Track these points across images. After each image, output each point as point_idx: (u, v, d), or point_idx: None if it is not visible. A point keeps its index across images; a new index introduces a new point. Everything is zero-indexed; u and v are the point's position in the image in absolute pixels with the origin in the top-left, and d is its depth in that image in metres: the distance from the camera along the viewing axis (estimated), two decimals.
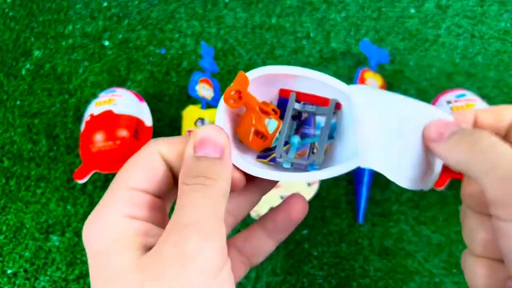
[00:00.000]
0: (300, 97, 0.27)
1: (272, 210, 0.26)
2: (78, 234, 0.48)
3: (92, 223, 0.20)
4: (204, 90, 0.51)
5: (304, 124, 0.27)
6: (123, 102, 0.49)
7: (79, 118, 0.54)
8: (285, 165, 0.26)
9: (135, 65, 0.58)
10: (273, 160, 0.26)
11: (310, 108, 0.26)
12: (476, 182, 0.21)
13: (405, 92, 0.54)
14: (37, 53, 0.59)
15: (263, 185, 0.26)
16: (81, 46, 0.59)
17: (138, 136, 0.48)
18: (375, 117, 0.25)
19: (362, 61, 0.56)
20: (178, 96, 0.55)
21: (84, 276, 0.46)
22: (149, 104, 0.52)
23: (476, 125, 0.24)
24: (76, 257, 0.47)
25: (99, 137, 0.46)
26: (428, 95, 0.53)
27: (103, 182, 0.51)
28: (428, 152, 0.24)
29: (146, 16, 0.61)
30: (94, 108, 0.49)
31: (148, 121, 0.50)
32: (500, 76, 0.54)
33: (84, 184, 0.51)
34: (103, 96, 0.50)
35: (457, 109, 0.46)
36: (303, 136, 0.27)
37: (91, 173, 0.48)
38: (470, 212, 0.23)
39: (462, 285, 0.43)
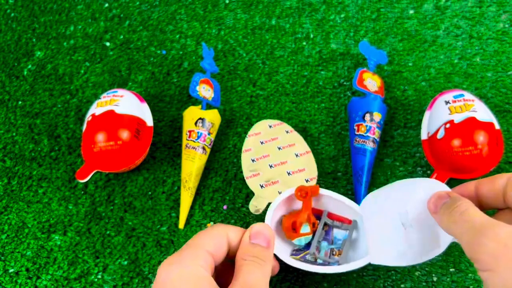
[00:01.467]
0: (329, 215, 0.43)
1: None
2: (79, 233, 0.49)
3: (172, 264, 0.28)
4: (204, 90, 0.51)
5: (325, 235, 0.43)
6: (125, 102, 0.49)
7: (80, 118, 0.55)
8: (319, 261, 0.41)
9: (136, 66, 0.58)
10: (304, 257, 0.40)
11: (336, 224, 0.42)
12: None
13: (403, 93, 0.54)
14: (38, 53, 0.60)
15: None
16: (82, 46, 0.60)
17: (139, 136, 0.48)
18: (378, 221, 0.37)
19: (361, 62, 0.56)
20: (178, 96, 0.56)
21: (85, 275, 0.46)
22: (150, 105, 0.52)
23: (477, 194, 0.32)
24: (77, 256, 0.47)
25: (100, 137, 0.47)
26: (426, 95, 0.54)
27: (104, 182, 0.51)
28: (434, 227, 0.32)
29: (147, 17, 0.61)
30: (96, 109, 0.49)
31: (149, 121, 0.50)
32: (498, 76, 0.54)
33: (86, 184, 0.51)
34: (105, 97, 0.50)
35: (455, 109, 0.46)
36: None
37: (93, 173, 0.48)
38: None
39: (459, 284, 0.43)
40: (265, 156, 0.48)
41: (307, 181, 0.47)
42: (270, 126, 0.51)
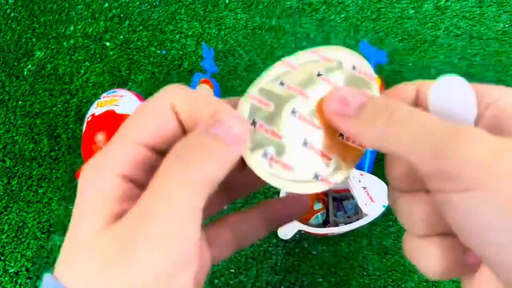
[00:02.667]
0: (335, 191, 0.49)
1: (275, 201, 0.26)
2: None
3: (85, 171, 0.18)
4: (204, 90, 0.51)
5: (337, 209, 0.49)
6: (124, 102, 0.49)
7: (80, 118, 0.55)
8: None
9: (136, 66, 0.58)
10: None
11: (344, 195, 0.49)
12: (401, 160, 0.19)
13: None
14: (38, 53, 0.60)
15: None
16: (82, 46, 0.60)
17: None
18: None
19: None
20: None
21: None
22: None
23: (419, 101, 0.21)
24: None
25: (100, 137, 0.47)
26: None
27: None
28: None
29: (147, 17, 0.61)
30: (96, 109, 0.49)
31: None
32: (498, 76, 0.54)
33: None
34: (105, 97, 0.50)
35: None
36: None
37: None
38: (400, 193, 0.20)
39: (460, 284, 0.43)
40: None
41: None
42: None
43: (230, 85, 0.56)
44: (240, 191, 0.25)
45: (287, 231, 0.45)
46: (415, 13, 0.59)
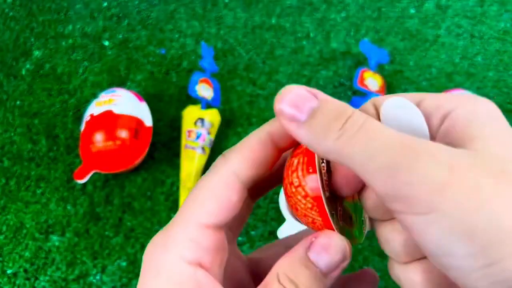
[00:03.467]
0: None
1: (345, 277, 0.24)
2: (78, 234, 0.48)
3: (156, 247, 0.18)
4: (204, 90, 0.51)
5: None
6: (123, 102, 0.49)
7: (79, 118, 0.54)
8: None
9: (135, 65, 0.58)
10: None
11: None
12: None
13: (404, 92, 0.54)
14: (37, 53, 0.59)
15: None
16: (81, 46, 0.59)
17: (138, 136, 0.48)
18: None
19: (362, 61, 0.56)
20: (178, 96, 0.55)
21: (84, 276, 0.46)
22: (149, 104, 0.52)
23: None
24: (76, 257, 0.47)
25: (99, 137, 0.46)
26: None
27: (103, 182, 0.51)
28: None
29: (146, 16, 0.61)
30: (94, 108, 0.49)
31: (148, 121, 0.50)
32: (499, 76, 0.54)
33: (84, 184, 0.51)
34: (103, 96, 0.50)
35: None
36: None
37: (91, 173, 0.48)
38: (378, 222, 0.19)
39: None
40: None
41: None
42: None
43: (230, 84, 0.56)
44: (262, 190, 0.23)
45: (286, 232, 0.44)
46: (416, 12, 0.59)
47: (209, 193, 0.18)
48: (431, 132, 0.18)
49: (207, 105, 0.51)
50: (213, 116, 0.50)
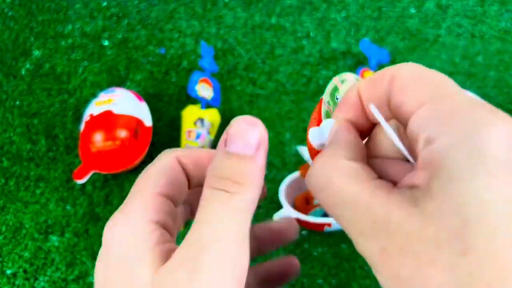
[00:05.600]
0: None
1: (269, 264, 0.26)
2: (77, 234, 0.48)
3: (116, 225, 0.19)
4: (203, 89, 0.51)
5: None
6: (123, 102, 0.49)
7: (78, 118, 0.54)
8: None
9: (135, 65, 0.58)
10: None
11: None
12: None
13: None
14: (36, 53, 0.59)
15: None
16: (80, 46, 0.59)
17: (138, 136, 0.48)
18: None
19: (362, 61, 0.56)
20: (177, 96, 0.55)
21: (83, 276, 0.46)
22: (148, 104, 0.52)
23: (361, 102, 0.19)
24: (75, 257, 0.47)
25: (98, 137, 0.46)
26: None
27: (102, 183, 0.51)
28: None
29: (145, 16, 0.61)
30: (94, 108, 0.49)
31: (147, 121, 0.50)
32: (500, 76, 0.54)
33: (84, 184, 0.50)
34: (103, 96, 0.50)
35: None
36: None
37: (91, 173, 0.47)
38: None
39: None
40: None
41: None
42: None
43: (230, 84, 0.56)
44: (266, 245, 0.26)
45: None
46: (416, 12, 0.59)
47: (155, 171, 0.21)
48: (416, 154, 0.16)
49: (207, 105, 0.51)
50: (213, 116, 0.50)
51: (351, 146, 0.18)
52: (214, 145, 0.52)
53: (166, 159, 0.21)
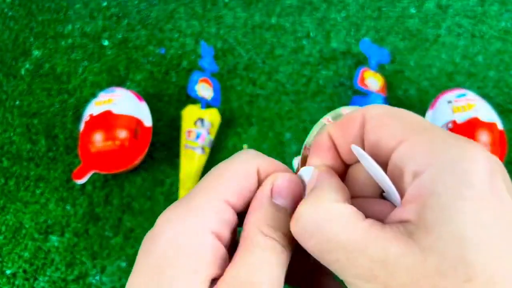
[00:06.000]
0: None
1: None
2: (77, 234, 0.48)
3: (171, 222, 0.17)
4: (203, 89, 0.51)
5: None
6: (123, 102, 0.49)
7: (78, 118, 0.54)
8: None
9: (135, 65, 0.57)
10: None
11: None
12: None
13: (405, 92, 0.54)
14: (36, 53, 0.59)
15: None
16: (80, 46, 0.59)
17: (138, 136, 0.48)
18: None
19: (362, 61, 0.56)
20: (177, 96, 0.55)
21: (83, 276, 0.46)
22: (148, 104, 0.52)
23: (334, 146, 0.20)
24: (75, 257, 0.47)
25: (98, 137, 0.46)
26: (428, 95, 0.53)
27: (102, 183, 0.51)
28: None
29: (145, 16, 0.61)
30: (94, 108, 0.48)
31: (147, 121, 0.50)
32: (500, 76, 0.54)
33: (84, 185, 0.50)
34: (103, 96, 0.50)
35: (457, 109, 0.46)
36: None
37: (90, 173, 0.47)
38: None
39: None
40: None
41: None
42: None
43: (230, 84, 0.56)
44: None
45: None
46: (416, 12, 0.59)
47: (233, 175, 0.19)
48: (401, 188, 0.17)
49: (207, 105, 0.51)
50: (213, 116, 0.50)
51: (337, 189, 0.18)
52: (214, 145, 0.52)
53: (248, 165, 0.19)
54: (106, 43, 0.59)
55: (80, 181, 0.47)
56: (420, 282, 0.14)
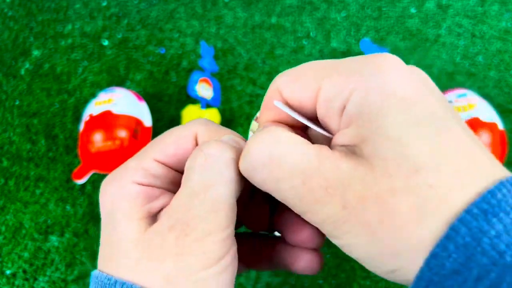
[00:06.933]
0: None
1: (285, 245, 0.23)
2: (77, 234, 0.48)
3: (106, 184, 0.21)
4: (203, 89, 0.51)
5: None
6: (122, 102, 0.49)
7: (78, 118, 0.54)
8: None
9: (135, 65, 0.57)
10: None
11: None
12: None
13: None
14: (36, 52, 0.59)
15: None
16: (80, 45, 0.59)
17: (137, 136, 0.48)
18: None
19: None
20: (177, 96, 0.55)
21: (83, 276, 0.46)
22: (148, 104, 0.52)
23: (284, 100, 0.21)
24: (75, 257, 0.47)
25: (98, 137, 0.46)
26: None
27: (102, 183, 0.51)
28: None
29: (145, 15, 0.61)
30: (93, 108, 0.48)
31: (147, 121, 0.50)
32: (501, 75, 0.54)
33: (83, 185, 0.50)
34: (103, 96, 0.50)
35: (457, 109, 0.46)
36: None
37: (90, 173, 0.47)
38: None
39: None
40: None
41: None
42: None
43: (230, 84, 0.56)
44: (258, 263, 0.24)
45: None
46: (416, 12, 0.59)
47: (167, 138, 0.21)
48: (332, 129, 0.18)
49: (207, 105, 0.51)
50: (213, 116, 0.50)
51: (283, 125, 0.19)
52: None
53: (185, 130, 0.21)
54: (106, 43, 0.59)
55: (80, 181, 0.47)
56: (374, 190, 0.15)
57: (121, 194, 0.20)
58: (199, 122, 0.22)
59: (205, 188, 0.18)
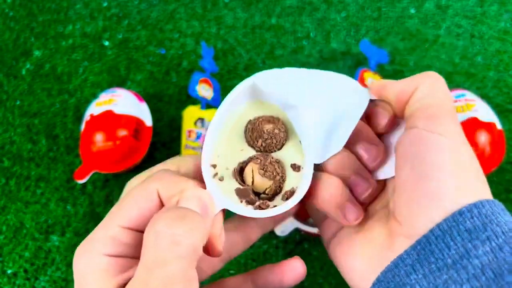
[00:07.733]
0: None
1: (267, 268, 0.26)
2: (78, 234, 0.48)
3: (77, 256, 0.21)
4: (204, 90, 0.51)
5: None
6: (123, 102, 0.49)
7: (79, 118, 0.54)
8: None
9: (135, 65, 0.58)
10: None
11: None
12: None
13: None
14: (37, 53, 0.59)
15: (262, 224, 0.27)
16: (81, 46, 0.59)
17: (138, 136, 0.48)
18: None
19: (362, 61, 0.56)
20: (178, 96, 0.55)
21: None
22: (149, 104, 0.52)
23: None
24: None
25: (99, 137, 0.46)
26: None
27: (103, 182, 0.51)
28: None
29: (146, 16, 0.61)
30: (94, 108, 0.49)
31: (148, 121, 0.50)
32: (499, 76, 0.54)
33: (84, 184, 0.51)
34: (103, 96, 0.50)
35: (456, 109, 0.46)
36: None
37: (91, 173, 0.48)
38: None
39: None
40: None
41: None
42: None
43: (230, 84, 0.56)
44: (232, 251, 0.27)
45: (284, 229, 0.44)
46: (416, 12, 0.59)
47: (131, 201, 0.22)
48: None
49: (207, 105, 0.51)
50: (213, 116, 0.50)
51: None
52: None
53: (146, 191, 0.22)
54: (106, 43, 0.59)
55: (81, 181, 0.47)
56: None
57: (92, 268, 0.20)
58: (158, 177, 0.22)
59: (158, 265, 0.18)
